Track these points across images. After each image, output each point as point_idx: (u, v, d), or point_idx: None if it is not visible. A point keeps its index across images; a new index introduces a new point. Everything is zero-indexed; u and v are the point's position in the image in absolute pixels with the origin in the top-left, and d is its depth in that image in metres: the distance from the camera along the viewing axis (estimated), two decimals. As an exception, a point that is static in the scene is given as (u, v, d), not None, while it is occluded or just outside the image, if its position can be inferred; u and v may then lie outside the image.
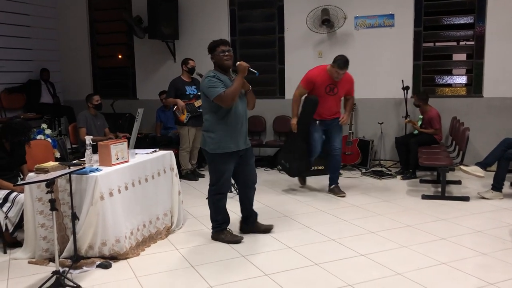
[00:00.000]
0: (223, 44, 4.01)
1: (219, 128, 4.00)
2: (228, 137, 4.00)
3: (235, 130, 4.02)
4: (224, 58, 3.98)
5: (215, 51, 4.01)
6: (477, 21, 6.88)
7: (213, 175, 4.15)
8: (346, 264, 3.68)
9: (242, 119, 4.07)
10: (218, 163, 4.06)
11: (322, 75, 5.50)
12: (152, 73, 8.72)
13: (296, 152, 5.80)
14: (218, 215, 4.23)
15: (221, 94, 3.84)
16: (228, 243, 4.17)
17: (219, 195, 4.18)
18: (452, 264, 3.62)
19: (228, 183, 4.20)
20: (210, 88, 3.90)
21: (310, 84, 5.54)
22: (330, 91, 5.53)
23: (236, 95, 3.89)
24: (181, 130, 6.73)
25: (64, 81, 9.34)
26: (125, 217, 3.90)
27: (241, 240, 4.21)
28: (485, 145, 6.66)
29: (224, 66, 4.02)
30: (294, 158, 5.82)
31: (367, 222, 4.71)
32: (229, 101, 3.87)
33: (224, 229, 4.27)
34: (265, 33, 8.04)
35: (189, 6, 8.28)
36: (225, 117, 3.98)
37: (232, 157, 4.07)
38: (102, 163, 3.98)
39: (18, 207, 4.09)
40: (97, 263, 3.71)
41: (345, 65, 5.37)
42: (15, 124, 4.33)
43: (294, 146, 5.81)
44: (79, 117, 6.41)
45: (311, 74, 5.58)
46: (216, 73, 4.00)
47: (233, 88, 3.87)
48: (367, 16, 7.31)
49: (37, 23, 8.82)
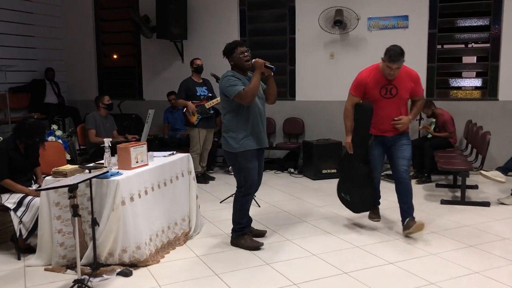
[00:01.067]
0: (240, 45, 4.00)
1: (240, 127, 3.95)
2: (251, 135, 3.95)
3: (257, 128, 3.99)
4: (244, 59, 3.96)
5: (234, 53, 3.97)
6: (493, 23, 6.80)
7: (240, 176, 4.05)
8: (376, 273, 3.56)
9: (262, 117, 4.06)
10: (243, 162, 3.97)
11: (374, 75, 4.29)
12: (159, 73, 8.58)
13: (356, 179, 4.53)
14: (243, 217, 4.12)
15: (240, 92, 3.81)
16: (248, 249, 4.05)
17: (247, 196, 4.09)
18: (486, 273, 3.50)
19: (256, 182, 4.09)
20: (229, 87, 3.86)
21: (360, 88, 4.33)
22: (387, 94, 4.26)
23: (256, 91, 3.85)
24: (192, 132, 6.60)
25: (69, 80, 9.17)
26: (145, 223, 3.76)
27: (262, 246, 4.09)
28: (501, 149, 6.59)
29: (245, 67, 3.99)
30: (355, 187, 4.55)
31: (389, 228, 4.59)
32: (249, 98, 3.83)
33: (245, 234, 4.16)
34: (276, 34, 7.91)
35: (198, 6, 8.14)
36: (246, 115, 3.94)
37: (255, 155, 4.01)
38: (121, 167, 3.84)
39: (33, 212, 3.94)
40: (118, 271, 3.57)
41: (398, 57, 4.07)
42: (29, 125, 4.16)
43: (352, 172, 4.54)
44: (88, 118, 6.25)
45: (360, 76, 4.38)
46: (235, 73, 3.98)
47: (252, 85, 3.85)
48: (381, 17, 7.21)
49: (41, 22, 8.65)
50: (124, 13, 8.73)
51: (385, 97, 4.28)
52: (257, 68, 3.89)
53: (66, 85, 9.09)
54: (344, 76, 7.46)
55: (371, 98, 4.31)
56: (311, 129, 7.70)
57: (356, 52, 7.38)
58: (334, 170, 6.90)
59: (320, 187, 6.40)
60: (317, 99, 7.66)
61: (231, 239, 4.20)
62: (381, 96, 4.28)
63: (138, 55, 8.73)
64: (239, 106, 3.92)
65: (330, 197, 5.83)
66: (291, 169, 7.30)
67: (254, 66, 3.91)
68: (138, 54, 8.73)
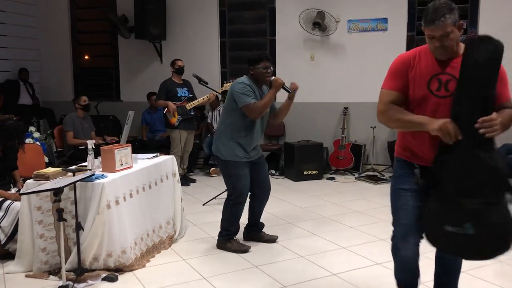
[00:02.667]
0: (268, 59, 3.92)
1: (234, 136, 3.89)
2: (241, 148, 3.90)
3: (251, 141, 3.94)
4: (267, 75, 3.89)
5: (258, 65, 3.88)
6: (469, 26, 6.94)
7: (229, 182, 3.99)
8: (365, 274, 3.57)
9: (261, 133, 4.04)
10: (232, 169, 3.92)
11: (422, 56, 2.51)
12: (137, 74, 8.46)
13: (481, 180, 2.33)
14: (231, 226, 4.06)
15: (250, 104, 3.77)
16: (235, 252, 4.00)
17: (238, 205, 4.00)
18: (472, 273, 3.54)
19: (246, 190, 4.00)
20: (242, 95, 3.80)
21: (401, 73, 2.52)
22: (440, 89, 2.44)
23: (266, 108, 3.84)
24: (172, 134, 6.51)
25: (44, 81, 8.95)
26: (130, 226, 3.67)
27: (249, 249, 4.05)
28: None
29: (264, 82, 3.94)
30: (487, 200, 2.32)
31: (374, 229, 4.61)
32: (257, 114, 3.80)
33: (231, 238, 4.11)
34: (256, 35, 7.89)
35: (177, 6, 8.05)
36: (245, 127, 3.88)
37: (245, 164, 3.95)
38: (105, 169, 3.74)
39: (12, 217, 3.80)
40: (103, 276, 3.47)
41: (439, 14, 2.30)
42: (7, 127, 4.03)
43: (467, 169, 2.34)
44: (66, 120, 6.11)
45: (400, 57, 2.61)
46: (251, 83, 3.89)
47: (264, 102, 3.81)
48: (360, 20, 7.27)
49: (15, 21, 8.41)
50: (101, 12, 8.58)
51: (437, 95, 2.44)
52: (274, 87, 3.86)
53: (41, 86, 8.87)
54: (324, 78, 7.53)
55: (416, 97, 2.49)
56: (292, 130, 7.70)
57: (336, 54, 7.43)
58: (315, 171, 6.93)
59: (302, 188, 6.40)
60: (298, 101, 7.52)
61: (217, 242, 4.15)
62: (431, 93, 2.45)
63: (116, 56, 8.58)
64: (240, 116, 3.86)
65: (313, 198, 5.87)
66: (272, 171, 7.28)
67: (272, 83, 3.86)
68: (115, 54, 8.58)
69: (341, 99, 7.44)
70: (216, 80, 7.80)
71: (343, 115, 7.30)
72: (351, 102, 7.39)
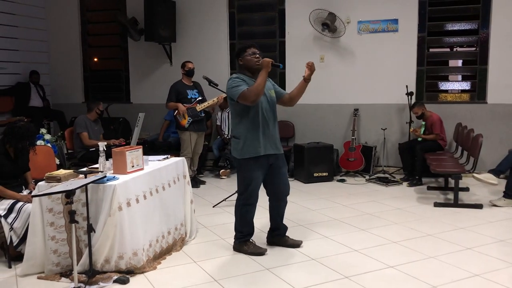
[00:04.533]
0: (253, 46, 3.89)
1: (245, 132, 3.85)
2: (255, 141, 3.83)
3: (262, 133, 3.85)
4: (255, 60, 3.84)
5: (245, 53, 3.86)
6: (481, 27, 6.87)
7: (241, 183, 3.96)
8: (377, 277, 3.53)
9: (269, 122, 3.89)
10: (245, 170, 3.88)
11: None
12: (147, 76, 8.47)
13: None
14: (244, 226, 4.04)
15: (244, 91, 3.70)
16: (251, 255, 3.95)
17: (248, 206, 3.98)
18: (486, 276, 3.50)
19: (256, 192, 3.97)
20: (233, 88, 3.77)
21: None
22: None
23: (260, 90, 3.68)
24: (182, 135, 6.51)
25: (54, 84, 8.99)
26: (144, 228, 3.66)
27: (265, 252, 4.00)
28: (490, 152, 6.65)
29: (254, 68, 3.85)
30: None
31: (386, 231, 4.57)
32: (253, 97, 3.67)
33: (247, 240, 4.06)
34: (266, 37, 7.88)
35: (187, 8, 8.06)
36: (251, 120, 3.83)
37: (260, 164, 3.88)
38: (116, 171, 3.74)
39: (24, 218, 3.81)
40: (114, 278, 3.46)
41: None
42: (19, 128, 4.04)
43: None
44: (78, 122, 6.12)
45: None
46: (240, 75, 3.88)
47: (257, 83, 3.70)
48: (371, 21, 7.23)
49: (25, 24, 8.47)
50: (111, 15, 8.60)
51: None
52: (264, 67, 3.73)
53: (51, 88, 8.92)
54: (334, 79, 7.50)
55: None
56: (301, 132, 7.68)
57: (346, 55, 7.40)
58: (326, 173, 6.89)
59: (313, 190, 6.37)
60: (307, 103, 7.59)
61: (234, 245, 4.12)
62: None
63: (126, 58, 8.60)
64: (244, 110, 3.81)
65: (323, 200, 5.83)
66: (282, 173, 7.25)
67: (261, 65, 3.77)
68: (125, 57, 8.61)
69: (351, 100, 7.41)
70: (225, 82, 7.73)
71: (354, 116, 7.26)
72: (361, 104, 7.35)
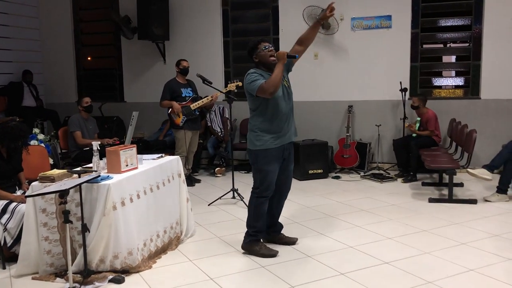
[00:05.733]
0: (263, 41, 3.86)
1: (263, 126, 3.83)
2: (274, 134, 3.83)
3: (282, 127, 3.85)
4: (269, 53, 3.80)
5: (257, 49, 3.83)
6: (474, 23, 6.88)
7: (257, 176, 3.93)
8: (373, 273, 3.53)
9: (287, 113, 3.89)
10: (262, 163, 3.85)
11: None
12: (141, 75, 8.44)
13: None
14: (257, 221, 3.97)
15: (262, 85, 3.69)
16: (263, 257, 3.87)
17: (262, 198, 3.94)
18: (481, 271, 3.51)
19: (273, 186, 3.94)
20: (252, 83, 3.75)
21: None
22: None
23: (278, 82, 3.67)
24: (177, 134, 6.49)
25: (47, 83, 8.94)
26: (138, 228, 3.65)
27: (277, 254, 3.93)
28: (483, 147, 6.68)
29: (269, 62, 3.80)
30: None
31: (381, 227, 4.58)
32: (272, 89, 3.67)
33: (259, 240, 4.02)
34: (259, 34, 7.83)
35: (180, 6, 8.03)
36: (271, 114, 3.81)
37: (276, 157, 3.87)
38: (110, 170, 3.73)
39: (18, 218, 3.79)
40: (109, 278, 3.45)
41: None
42: (11, 128, 4.01)
43: None
44: (71, 121, 6.09)
45: None
46: (257, 70, 3.85)
47: (274, 75, 3.69)
48: (364, 18, 7.23)
49: (18, 23, 8.41)
50: (104, 13, 8.57)
51: None
52: (280, 59, 3.72)
53: (44, 88, 8.87)
54: (328, 76, 7.50)
55: None
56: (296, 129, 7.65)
57: (340, 52, 7.39)
58: (321, 170, 6.90)
59: (308, 187, 6.37)
60: (302, 100, 7.62)
61: (243, 244, 4.03)
62: None
63: (119, 57, 8.57)
64: (262, 103, 3.80)
65: (318, 197, 5.84)
66: (277, 170, 7.25)
67: (277, 58, 3.75)
68: (118, 55, 8.57)
69: (346, 97, 7.41)
70: (219, 80, 7.78)
71: (348, 113, 7.27)
72: (355, 100, 7.36)
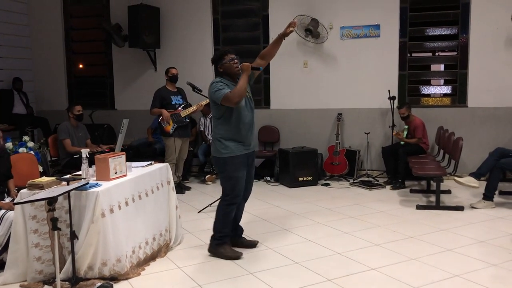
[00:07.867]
0: (229, 52, 3.98)
1: (228, 134, 3.95)
2: (239, 142, 3.97)
3: (245, 135, 4.00)
4: (234, 65, 3.95)
5: (223, 60, 3.95)
6: (460, 32, 7.00)
7: (227, 184, 4.02)
8: (360, 279, 3.58)
9: (249, 122, 4.05)
10: (231, 170, 3.96)
11: None
12: (132, 82, 8.46)
13: None
14: (225, 227, 4.08)
15: (227, 94, 3.81)
16: (228, 259, 4.01)
17: (232, 205, 4.05)
18: (466, 276, 3.56)
19: (242, 192, 4.06)
20: (217, 91, 3.86)
21: None
22: None
23: (243, 92, 3.81)
24: (167, 141, 6.51)
25: (38, 91, 8.94)
26: (127, 235, 3.67)
27: (241, 255, 4.05)
28: (470, 154, 6.76)
29: (234, 74, 3.97)
30: None
31: (368, 234, 4.63)
32: (236, 98, 3.80)
33: (225, 243, 4.11)
34: (250, 43, 7.92)
35: (171, 14, 8.08)
36: (236, 122, 3.94)
37: (242, 163, 3.99)
38: (99, 178, 3.75)
39: (6, 226, 3.78)
40: (98, 285, 3.46)
41: None
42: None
43: None
44: (61, 128, 6.10)
45: None
46: (222, 79, 3.96)
47: (239, 86, 3.82)
48: (353, 27, 7.32)
49: (8, 30, 8.41)
50: (95, 21, 8.59)
51: None
52: (244, 71, 3.87)
53: (35, 95, 8.86)
54: (318, 84, 7.57)
55: None
56: (286, 137, 7.73)
57: (330, 61, 7.47)
58: (310, 177, 6.94)
59: (297, 194, 6.42)
60: (292, 107, 7.70)
61: (209, 247, 4.15)
62: None
63: (110, 64, 8.58)
64: (228, 112, 3.91)
65: (308, 204, 5.88)
66: (267, 177, 7.30)
67: (241, 70, 3.90)
68: (109, 63, 8.59)
69: (335, 105, 7.48)
70: (210, 88, 7.80)
71: (337, 121, 7.33)
72: (345, 108, 7.43)
